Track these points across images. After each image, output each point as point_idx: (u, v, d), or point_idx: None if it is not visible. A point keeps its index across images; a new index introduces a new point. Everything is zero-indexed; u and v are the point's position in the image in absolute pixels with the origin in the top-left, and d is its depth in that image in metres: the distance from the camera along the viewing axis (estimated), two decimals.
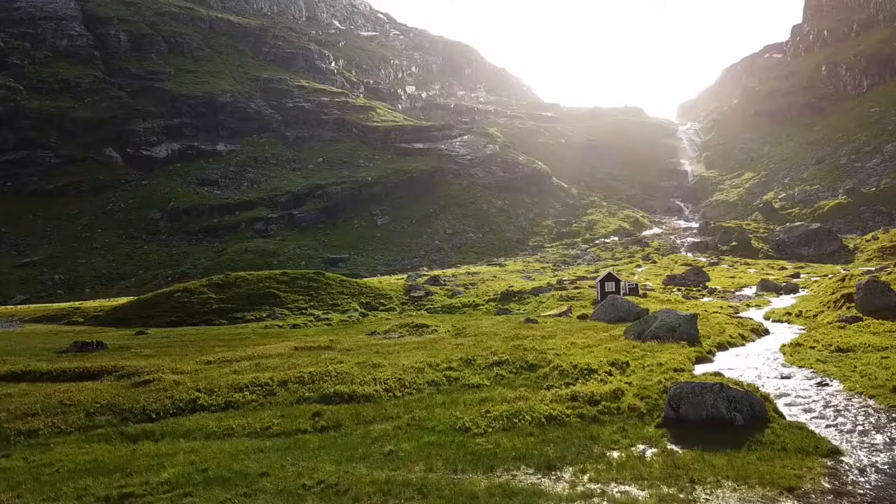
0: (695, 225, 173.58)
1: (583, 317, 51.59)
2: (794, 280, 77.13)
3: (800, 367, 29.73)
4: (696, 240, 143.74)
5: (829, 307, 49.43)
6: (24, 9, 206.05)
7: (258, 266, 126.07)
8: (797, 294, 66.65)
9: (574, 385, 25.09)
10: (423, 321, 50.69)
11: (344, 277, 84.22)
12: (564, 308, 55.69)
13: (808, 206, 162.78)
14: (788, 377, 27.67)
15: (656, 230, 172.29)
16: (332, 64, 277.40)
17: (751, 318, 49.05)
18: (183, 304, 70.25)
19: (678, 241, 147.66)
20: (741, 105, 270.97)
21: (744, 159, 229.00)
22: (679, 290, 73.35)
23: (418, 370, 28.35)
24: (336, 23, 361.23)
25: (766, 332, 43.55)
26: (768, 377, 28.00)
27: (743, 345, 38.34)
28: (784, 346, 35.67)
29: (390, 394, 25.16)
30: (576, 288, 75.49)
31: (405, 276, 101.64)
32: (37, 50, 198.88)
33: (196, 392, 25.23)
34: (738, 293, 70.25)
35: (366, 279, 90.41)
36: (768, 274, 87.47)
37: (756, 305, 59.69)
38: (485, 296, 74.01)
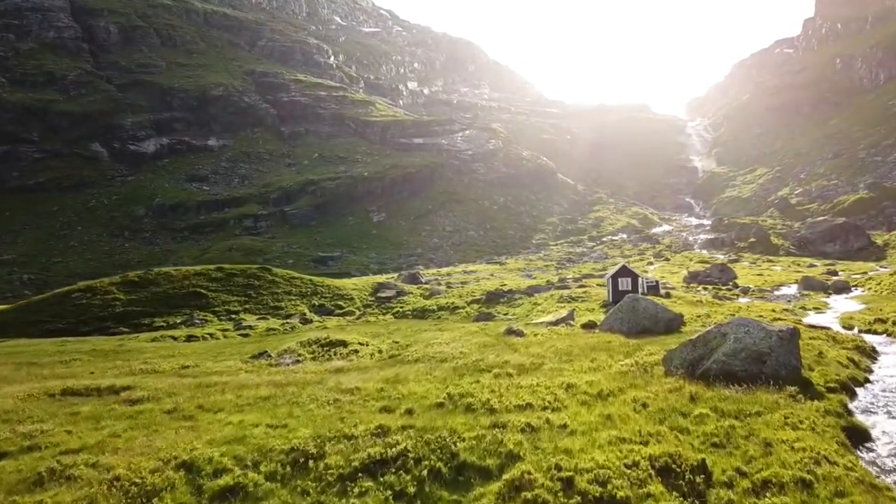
0: (707, 222, 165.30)
1: (589, 326, 40.23)
2: (834, 278, 67.87)
3: None
4: (710, 236, 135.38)
5: None
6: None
7: (243, 265, 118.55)
8: (851, 293, 57.40)
9: None
10: (342, 336, 38.18)
11: (296, 275, 74.76)
12: (564, 313, 43.93)
13: (827, 202, 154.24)
14: None
15: (666, 227, 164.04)
16: (331, 59, 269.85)
17: (827, 328, 36.48)
18: (80, 306, 60.45)
19: (691, 238, 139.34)
20: (752, 100, 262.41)
21: (756, 155, 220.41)
22: (705, 288, 63.89)
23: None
24: (337, 18, 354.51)
25: (874, 351, 30.51)
26: None
27: (867, 379, 24.59)
28: None
29: None
30: (581, 286, 66.15)
31: (395, 274, 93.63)
32: (22, 42, 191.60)
33: None
34: (776, 293, 60.79)
35: (330, 280, 78.28)
36: (798, 271, 79.09)
37: (814, 308, 48.81)
38: (469, 296, 64.29)
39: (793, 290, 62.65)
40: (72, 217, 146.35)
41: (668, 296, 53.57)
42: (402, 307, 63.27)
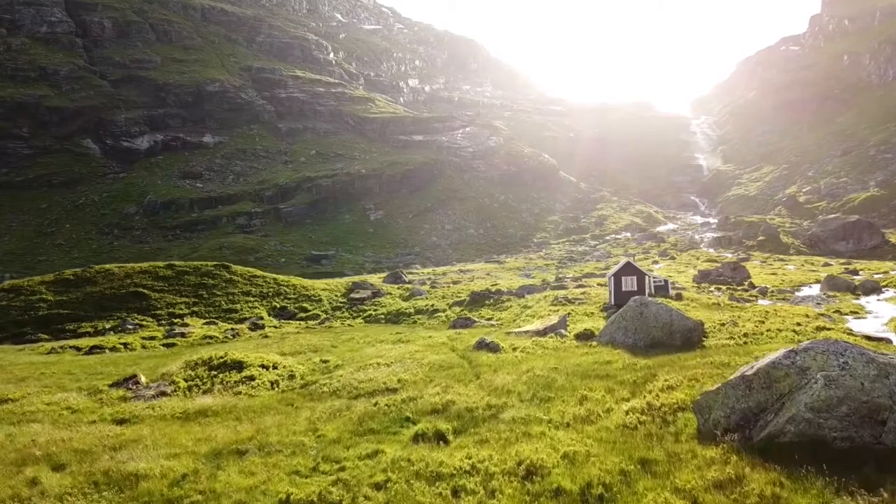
0: (713, 220, 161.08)
1: (585, 336, 33.24)
2: (856, 278, 62.39)
3: None
4: (717, 235, 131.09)
5: None
6: None
7: (233, 264, 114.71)
8: (884, 295, 51.82)
9: None
10: (242, 356, 29.07)
11: (258, 273, 68.65)
12: (556, 319, 36.51)
13: (837, 200, 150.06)
14: None
15: (671, 226, 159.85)
16: (331, 55, 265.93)
17: (888, 340, 30.50)
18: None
19: (697, 237, 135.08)
20: (758, 98, 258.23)
21: (763, 153, 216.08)
22: (718, 289, 57.91)
23: None
24: (338, 16, 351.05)
25: None
26: None
27: None
28: None
29: None
30: (580, 286, 60.33)
31: (383, 274, 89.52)
32: (13, 36, 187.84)
33: None
34: (799, 294, 55.06)
35: (299, 279, 70.95)
36: (813, 270, 74.77)
37: (851, 312, 41.98)
38: (453, 297, 58.96)
39: (815, 290, 57.49)
40: (60, 214, 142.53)
41: (679, 297, 47.34)
42: (375, 310, 57.58)
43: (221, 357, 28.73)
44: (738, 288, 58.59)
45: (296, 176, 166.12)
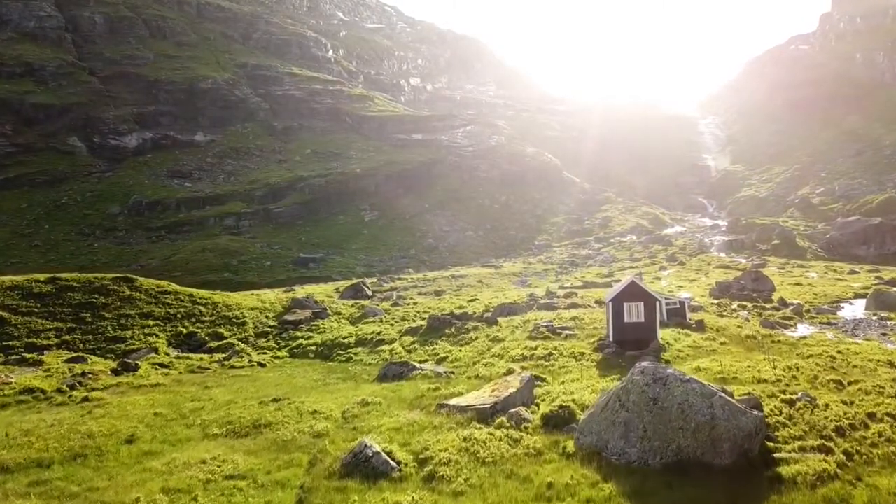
0: (722, 222, 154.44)
1: (558, 422, 21.32)
2: None
3: None
4: (728, 238, 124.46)
5: None
6: None
7: (214, 267, 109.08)
8: None
9: None
10: None
11: (172, 288, 56.15)
12: (516, 384, 23.91)
13: (853, 201, 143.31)
14: None
15: (679, 228, 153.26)
16: (330, 53, 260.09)
17: None
18: None
19: (707, 240, 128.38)
20: (768, 97, 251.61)
21: (772, 153, 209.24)
22: (742, 307, 48.70)
23: None
24: (339, 13, 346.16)
25: None
26: None
27: None
28: None
29: None
30: (573, 306, 49.89)
31: (374, 278, 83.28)
32: (0, 31, 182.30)
33: None
34: (841, 313, 46.69)
35: (223, 295, 59.01)
36: (840, 279, 68.03)
37: None
38: (412, 320, 49.66)
39: (858, 308, 49.31)
40: (40, 214, 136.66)
41: (701, 327, 37.79)
42: (307, 339, 47.98)
43: None
44: (767, 306, 50.05)
45: (289, 175, 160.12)
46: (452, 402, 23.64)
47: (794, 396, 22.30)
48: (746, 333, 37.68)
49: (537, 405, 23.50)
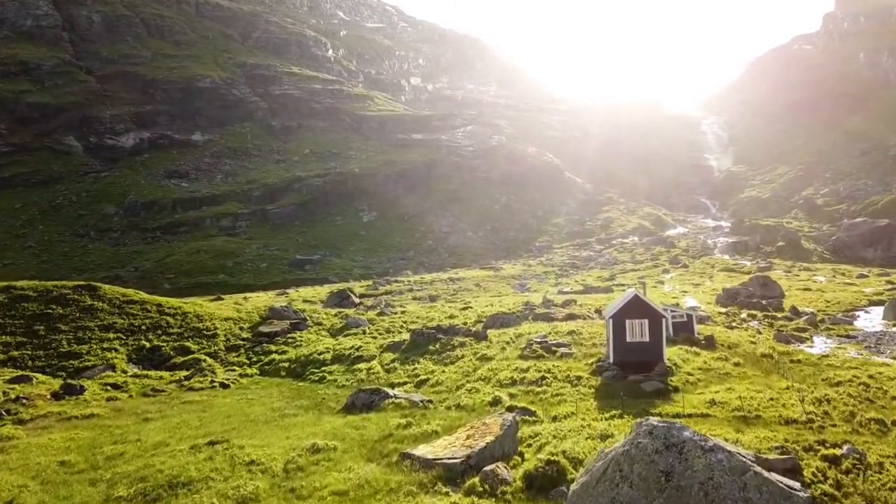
0: (725, 223, 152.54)
1: (544, 483, 17.63)
2: None
3: None
4: (731, 240, 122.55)
5: None
6: None
7: (209, 269, 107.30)
8: None
9: None
10: None
11: (137, 297, 51.74)
12: (495, 429, 20.02)
13: (858, 203, 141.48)
14: None
15: (681, 229, 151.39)
16: (330, 52, 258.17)
17: None
18: None
19: (710, 242, 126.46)
20: (771, 97, 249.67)
21: (776, 153, 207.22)
22: (752, 316, 45.82)
23: None
24: (340, 13, 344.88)
25: None
26: None
27: None
28: None
29: None
30: (571, 316, 46.38)
31: (371, 281, 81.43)
32: None
33: None
34: (859, 323, 43.79)
35: (195, 304, 55.38)
36: (849, 283, 65.99)
37: None
38: (397, 332, 46.63)
39: (875, 317, 46.64)
40: (34, 215, 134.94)
41: (710, 344, 34.51)
42: (280, 354, 44.53)
43: None
44: (778, 315, 46.89)
45: (286, 176, 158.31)
46: (418, 451, 19.77)
47: (838, 452, 18.55)
48: (761, 351, 34.70)
49: (521, 455, 19.89)
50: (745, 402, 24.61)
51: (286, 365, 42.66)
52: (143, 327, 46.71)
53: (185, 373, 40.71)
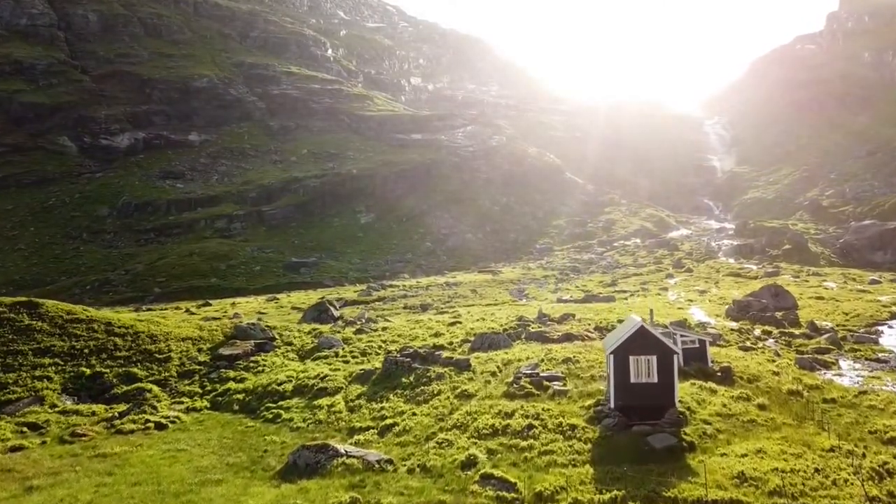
0: (729, 225, 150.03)
1: None
2: None
3: None
4: (736, 242, 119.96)
5: None
6: None
7: (201, 272, 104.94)
8: None
9: None
10: None
11: (85, 315, 46.07)
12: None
13: (865, 204, 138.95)
14: None
15: (684, 231, 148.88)
16: (329, 52, 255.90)
17: None
18: None
19: (714, 244, 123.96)
20: (774, 96, 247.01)
21: (779, 154, 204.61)
22: (767, 333, 42.50)
23: None
24: (340, 13, 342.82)
25: None
26: None
27: None
28: None
29: None
30: (568, 337, 42.21)
31: (365, 286, 79.00)
32: None
33: None
34: (885, 342, 40.19)
35: (150, 322, 48.48)
36: (863, 290, 63.43)
37: None
38: (377, 352, 42.65)
39: None
40: (26, 216, 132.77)
41: (727, 378, 30.60)
42: (239, 381, 39.86)
43: None
44: (796, 332, 43.30)
45: (283, 176, 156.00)
46: None
47: None
48: (788, 387, 30.60)
49: None
50: (786, 478, 20.20)
51: (241, 397, 38.40)
52: (87, 350, 41.95)
53: (122, 407, 36.33)
